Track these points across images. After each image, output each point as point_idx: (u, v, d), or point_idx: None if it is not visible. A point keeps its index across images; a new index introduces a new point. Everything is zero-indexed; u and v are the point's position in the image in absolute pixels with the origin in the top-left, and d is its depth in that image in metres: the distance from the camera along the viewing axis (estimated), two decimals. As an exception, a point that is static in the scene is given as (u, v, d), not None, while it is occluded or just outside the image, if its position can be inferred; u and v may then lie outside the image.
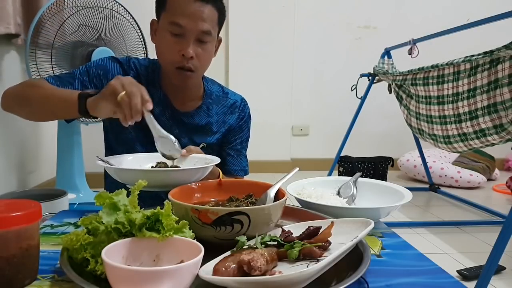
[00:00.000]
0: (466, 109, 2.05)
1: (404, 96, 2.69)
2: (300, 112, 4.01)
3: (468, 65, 1.98)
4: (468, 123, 2.06)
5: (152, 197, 0.89)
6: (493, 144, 2.05)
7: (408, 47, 2.78)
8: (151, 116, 0.90)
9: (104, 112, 0.89)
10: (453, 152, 2.40)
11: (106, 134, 1.24)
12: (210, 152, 1.23)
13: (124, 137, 1.18)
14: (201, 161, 1.00)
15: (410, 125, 2.71)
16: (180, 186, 0.81)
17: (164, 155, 0.96)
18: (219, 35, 1.19)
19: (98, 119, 1.12)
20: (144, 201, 0.72)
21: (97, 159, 0.93)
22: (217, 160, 0.99)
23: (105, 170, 1.19)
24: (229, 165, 1.29)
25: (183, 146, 1.19)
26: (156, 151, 0.96)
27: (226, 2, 1.16)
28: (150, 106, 0.87)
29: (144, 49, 2.30)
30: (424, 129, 2.50)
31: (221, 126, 1.26)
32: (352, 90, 3.05)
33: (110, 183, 1.19)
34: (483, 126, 1.99)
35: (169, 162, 0.99)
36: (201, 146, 1.20)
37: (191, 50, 1.07)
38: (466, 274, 1.78)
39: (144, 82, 1.15)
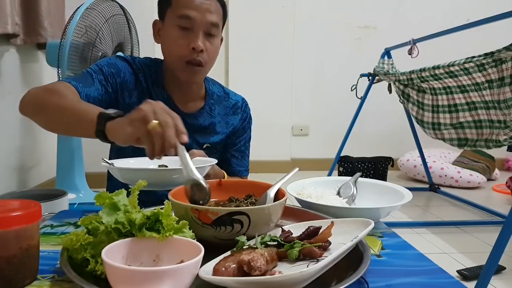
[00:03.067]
0: (496, 98, 2.01)
1: (414, 92, 2.64)
2: (300, 112, 4.01)
3: (472, 64, 1.96)
4: (499, 111, 2.02)
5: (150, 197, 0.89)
6: None
7: (408, 47, 2.78)
8: (185, 152, 0.75)
9: (126, 139, 0.77)
10: (482, 143, 2.33)
11: None
12: (214, 152, 1.23)
13: None
14: (202, 163, 1.00)
15: (421, 121, 2.66)
16: (180, 186, 0.80)
17: (192, 200, 0.73)
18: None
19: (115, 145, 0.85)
20: (144, 204, 0.72)
21: (102, 161, 0.94)
22: (214, 161, 1.00)
23: (108, 172, 1.19)
24: (234, 166, 1.30)
25: (187, 147, 1.19)
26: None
27: (226, 2, 1.16)
28: (185, 138, 0.74)
29: (132, 51, 2.30)
30: (444, 121, 2.45)
31: (224, 127, 1.26)
32: (352, 90, 3.05)
33: (113, 185, 1.19)
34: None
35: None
36: (204, 146, 1.20)
37: (200, 43, 1.06)
38: (466, 274, 1.78)
39: (149, 83, 1.15)
